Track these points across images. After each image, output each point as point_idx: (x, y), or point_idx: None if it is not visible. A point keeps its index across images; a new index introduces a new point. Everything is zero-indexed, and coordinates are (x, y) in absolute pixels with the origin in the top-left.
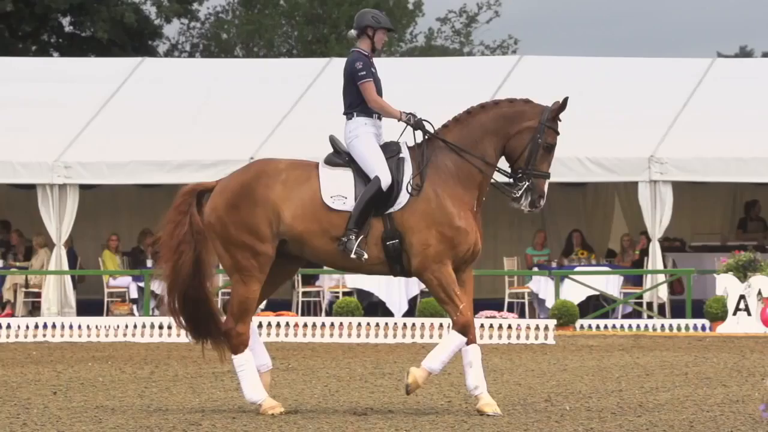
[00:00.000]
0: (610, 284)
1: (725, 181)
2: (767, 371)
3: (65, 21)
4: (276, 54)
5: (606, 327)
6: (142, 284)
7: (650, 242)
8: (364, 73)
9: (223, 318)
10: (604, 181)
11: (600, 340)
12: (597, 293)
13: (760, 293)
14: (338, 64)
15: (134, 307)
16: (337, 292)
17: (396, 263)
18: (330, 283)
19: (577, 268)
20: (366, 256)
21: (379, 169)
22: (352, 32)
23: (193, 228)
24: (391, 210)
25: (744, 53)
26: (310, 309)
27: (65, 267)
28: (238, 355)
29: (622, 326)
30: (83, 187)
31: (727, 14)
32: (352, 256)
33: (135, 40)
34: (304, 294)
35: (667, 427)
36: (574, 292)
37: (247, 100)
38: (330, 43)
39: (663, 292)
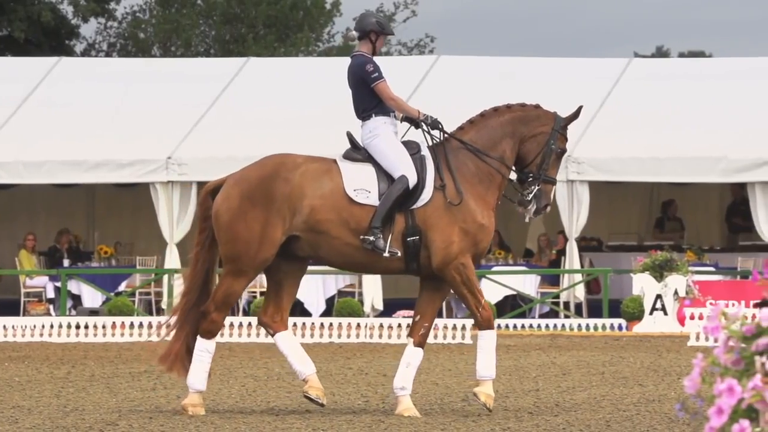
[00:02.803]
0: (527, 284)
1: (642, 180)
2: (683, 371)
3: None
4: (193, 53)
5: (523, 326)
6: (58, 284)
7: (567, 242)
8: (377, 74)
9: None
10: None
11: (517, 339)
12: (514, 293)
13: (676, 293)
14: (256, 63)
15: (51, 306)
16: (255, 292)
17: (413, 261)
18: None
19: (495, 268)
20: (399, 253)
21: (404, 167)
22: (354, 33)
23: (211, 232)
24: (414, 206)
25: (661, 53)
26: None
27: None
28: (204, 340)
29: (539, 326)
30: None
31: (644, 15)
32: (386, 254)
33: (52, 39)
34: None
35: (584, 426)
36: (492, 291)
37: (165, 100)
38: (248, 42)
39: (580, 292)
